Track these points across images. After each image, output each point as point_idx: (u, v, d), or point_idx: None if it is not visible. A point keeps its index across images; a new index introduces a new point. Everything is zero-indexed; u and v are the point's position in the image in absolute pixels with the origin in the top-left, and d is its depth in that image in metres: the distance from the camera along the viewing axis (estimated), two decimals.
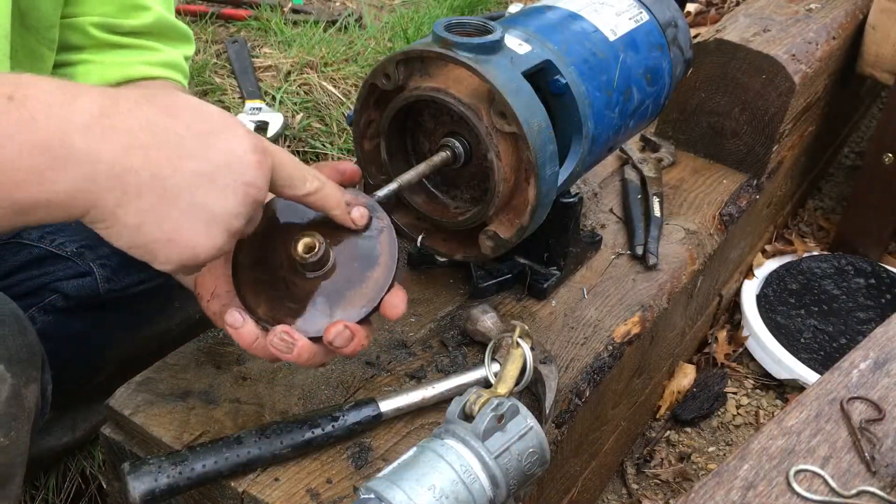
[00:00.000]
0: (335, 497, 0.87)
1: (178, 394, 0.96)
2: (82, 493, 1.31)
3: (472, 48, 0.90)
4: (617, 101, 1.07)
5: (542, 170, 0.93)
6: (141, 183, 0.65)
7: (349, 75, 1.94)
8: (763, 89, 1.50)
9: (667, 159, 1.54)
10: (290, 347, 0.78)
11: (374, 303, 0.80)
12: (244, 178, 0.68)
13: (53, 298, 1.12)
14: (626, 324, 1.16)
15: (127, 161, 0.64)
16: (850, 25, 1.75)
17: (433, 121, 1.00)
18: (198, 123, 0.68)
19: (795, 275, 1.82)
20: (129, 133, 0.64)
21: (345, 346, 0.78)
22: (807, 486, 0.84)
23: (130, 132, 0.64)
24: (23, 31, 0.93)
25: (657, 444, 1.54)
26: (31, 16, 0.93)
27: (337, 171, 0.85)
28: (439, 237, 1.07)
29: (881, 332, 1.04)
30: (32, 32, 0.94)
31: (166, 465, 0.82)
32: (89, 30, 1.00)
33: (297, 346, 0.78)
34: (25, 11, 0.92)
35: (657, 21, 1.16)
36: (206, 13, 2.16)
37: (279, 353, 0.78)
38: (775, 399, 1.65)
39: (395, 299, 0.81)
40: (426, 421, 0.96)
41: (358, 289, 0.81)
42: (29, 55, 0.95)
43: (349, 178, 0.86)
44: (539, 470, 0.83)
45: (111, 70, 1.02)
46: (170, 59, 1.07)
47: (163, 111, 0.67)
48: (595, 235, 1.28)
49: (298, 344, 0.78)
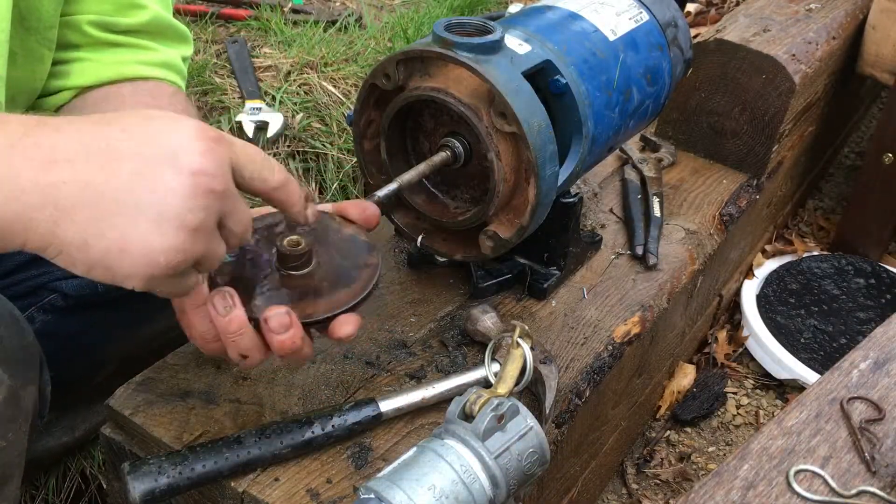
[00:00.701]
0: (335, 497, 0.87)
1: (178, 394, 0.96)
2: (82, 493, 1.31)
3: (472, 48, 0.90)
4: (617, 101, 1.07)
5: (542, 170, 0.93)
6: (72, 195, 0.61)
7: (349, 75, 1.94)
8: (763, 89, 1.50)
9: (667, 159, 1.54)
10: (228, 310, 0.75)
11: (323, 315, 0.80)
12: (191, 167, 0.63)
13: (53, 298, 1.12)
14: (626, 324, 1.16)
15: (52, 175, 0.61)
16: (850, 25, 1.75)
17: (433, 121, 1.00)
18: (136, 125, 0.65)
19: (795, 275, 1.82)
20: (53, 148, 0.62)
21: (278, 333, 0.76)
22: (807, 486, 0.84)
23: (55, 147, 0.62)
24: (23, 32, 0.93)
25: (657, 444, 1.54)
26: (32, 17, 0.93)
27: (360, 208, 0.86)
28: (439, 237, 1.07)
29: (881, 332, 1.04)
30: (32, 34, 0.94)
31: (166, 465, 0.82)
32: (85, 28, 1.00)
33: (234, 311, 0.75)
34: (26, 13, 0.92)
35: (657, 21, 1.16)
36: (206, 13, 2.15)
37: (213, 315, 0.75)
38: (775, 399, 1.65)
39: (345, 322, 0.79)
40: (426, 421, 0.96)
41: (317, 300, 0.81)
42: (28, 56, 0.95)
43: (368, 217, 0.86)
44: (539, 470, 0.83)
45: (106, 69, 1.02)
46: (166, 59, 1.07)
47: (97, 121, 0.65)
48: (595, 235, 1.28)
49: (235, 310, 0.75)
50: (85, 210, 0.61)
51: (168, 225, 0.63)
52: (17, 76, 0.95)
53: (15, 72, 0.94)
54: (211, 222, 0.66)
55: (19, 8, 0.90)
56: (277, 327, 0.76)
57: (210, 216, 0.65)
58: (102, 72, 1.02)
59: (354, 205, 0.87)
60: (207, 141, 0.65)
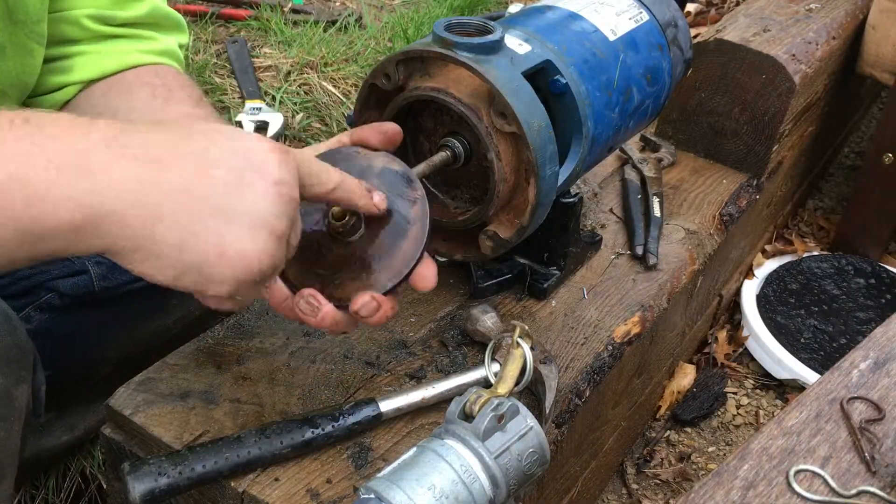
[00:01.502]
0: (335, 497, 0.87)
1: (178, 394, 0.96)
2: (82, 493, 1.31)
3: (472, 48, 0.90)
4: (617, 101, 1.07)
5: (542, 170, 0.93)
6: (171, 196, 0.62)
7: (349, 75, 1.94)
8: (763, 89, 1.50)
9: (667, 159, 1.54)
10: (315, 311, 0.78)
11: (401, 275, 0.80)
12: (272, 177, 0.65)
13: (49, 297, 1.12)
14: (626, 324, 1.16)
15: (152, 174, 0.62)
16: (850, 25, 1.75)
17: (433, 121, 1.00)
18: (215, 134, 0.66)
19: (795, 275, 1.82)
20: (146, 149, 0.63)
21: (370, 317, 0.79)
22: (807, 486, 0.84)
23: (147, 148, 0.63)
24: (11, 26, 0.93)
25: (657, 444, 1.54)
26: (20, 10, 0.92)
27: (379, 132, 0.85)
28: (439, 237, 1.07)
29: (881, 332, 1.04)
30: (21, 27, 0.94)
31: (166, 465, 0.82)
32: (84, 22, 1.00)
33: (322, 310, 0.78)
34: (13, 7, 0.92)
35: (657, 21, 1.16)
36: (206, 13, 2.15)
37: (304, 316, 0.79)
38: (775, 399, 1.65)
39: (425, 271, 0.81)
40: (426, 421, 0.96)
41: (387, 260, 0.81)
42: (18, 50, 0.95)
43: (391, 138, 0.85)
44: (539, 470, 0.83)
45: (108, 60, 1.02)
46: (165, 48, 1.07)
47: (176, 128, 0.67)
48: (595, 235, 1.28)
49: (323, 309, 0.78)
50: (184, 212, 0.62)
51: (261, 231, 0.65)
52: (6, 70, 0.94)
53: (4, 65, 0.94)
54: (290, 230, 0.68)
55: (6, 2, 0.90)
56: (369, 313, 0.79)
57: (290, 224, 0.68)
58: (105, 64, 1.02)
59: (372, 130, 0.85)
60: (279, 152, 0.67)
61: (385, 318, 0.80)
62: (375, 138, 0.85)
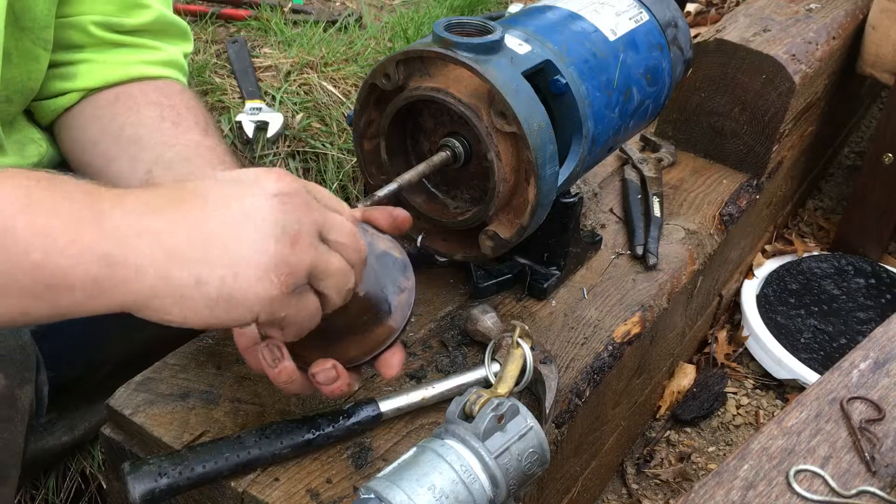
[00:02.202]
0: (335, 497, 0.87)
1: (178, 394, 0.96)
2: (82, 493, 1.30)
3: (472, 48, 0.90)
4: (617, 101, 1.07)
5: (542, 170, 0.93)
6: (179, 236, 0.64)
7: (349, 75, 1.94)
8: (763, 89, 1.50)
9: (667, 159, 1.54)
10: (276, 362, 0.78)
11: (368, 355, 0.82)
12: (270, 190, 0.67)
13: None
14: (626, 324, 1.16)
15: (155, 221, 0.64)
16: (850, 25, 1.75)
17: (433, 121, 1.00)
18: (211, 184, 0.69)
19: (795, 275, 1.82)
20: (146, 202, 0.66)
21: (326, 385, 0.79)
22: (807, 486, 0.84)
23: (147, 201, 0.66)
24: (18, 32, 0.93)
25: (657, 444, 1.54)
26: (26, 17, 0.92)
27: (390, 216, 0.86)
28: (439, 237, 1.07)
29: (881, 332, 1.04)
30: (27, 33, 0.94)
31: (166, 465, 0.82)
32: (90, 28, 1.00)
33: (283, 363, 0.78)
34: (20, 13, 0.92)
35: (657, 21, 1.16)
36: (206, 13, 2.15)
37: (264, 364, 0.79)
38: (775, 399, 1.65)
39: (392, 359, 0.82)
40: (426, 421, 0.96)
41: (359, 337, 0.82)
42: (24, 57, 0.95)
43: (399, 225, 0.86)
44: (539, 470, 0.83)
45: (112, 69, 1.02)
46: (170, 58, 1.07)
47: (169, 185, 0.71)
48: (595, 235, 1.28)
49: (284, 362, 0.78)
50: (193, 249, 0.64)
51: (267, 242, 0.65)
52: (12, 76, 0.95)
53: (10, 72, 0.94)
54: (307, 233, 0.68)
55: (14, 8, 0.90)
56: (325, 381, 0.79)
57: (304, 227, 0.68)
58: (109, 73, 1.02)
59: (383, 213, 0.86)
60: (277, 173, 0.69)
61: (341, 390, 0.80)
62: (385, 221, 0.85)
